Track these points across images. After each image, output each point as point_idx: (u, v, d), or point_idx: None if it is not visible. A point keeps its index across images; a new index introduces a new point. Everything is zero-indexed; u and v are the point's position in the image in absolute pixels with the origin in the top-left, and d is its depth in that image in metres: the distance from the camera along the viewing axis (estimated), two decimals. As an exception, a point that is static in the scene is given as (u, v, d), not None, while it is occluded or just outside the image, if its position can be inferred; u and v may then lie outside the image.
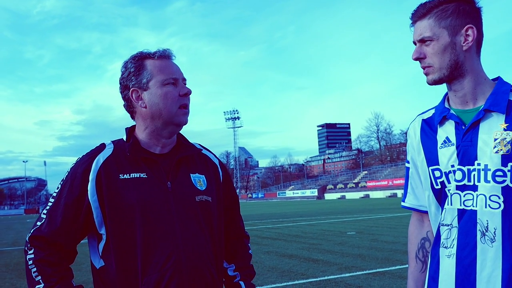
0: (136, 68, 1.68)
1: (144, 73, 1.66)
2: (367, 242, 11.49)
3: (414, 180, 1.78)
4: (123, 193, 1.59)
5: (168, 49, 1.72)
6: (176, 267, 1.57)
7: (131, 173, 1.63)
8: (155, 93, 1.65)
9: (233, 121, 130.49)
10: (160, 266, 1.56)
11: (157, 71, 1.66)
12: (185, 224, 1.63)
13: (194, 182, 1.71)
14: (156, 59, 1.68)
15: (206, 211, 1.70)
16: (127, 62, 1.71)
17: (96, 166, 1.62)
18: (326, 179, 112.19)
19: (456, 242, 1.54)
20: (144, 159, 1.66)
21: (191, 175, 1.72)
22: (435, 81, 1.59)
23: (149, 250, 1.57)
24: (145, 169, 1.65)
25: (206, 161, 1.82)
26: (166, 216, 1.61)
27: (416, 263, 1.79)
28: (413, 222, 1.84)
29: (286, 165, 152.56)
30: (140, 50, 1.72)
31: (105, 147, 1.69)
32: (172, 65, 1.70)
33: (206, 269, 1.65)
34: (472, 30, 1.53)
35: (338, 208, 35.74)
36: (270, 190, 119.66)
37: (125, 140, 1.71)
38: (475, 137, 1.53)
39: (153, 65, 1.67)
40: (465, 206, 1.53)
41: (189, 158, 1.75)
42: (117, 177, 1.61)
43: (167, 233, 1.59)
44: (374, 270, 7.66)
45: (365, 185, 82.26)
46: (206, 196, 1.71)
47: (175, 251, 1.58)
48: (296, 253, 10.23)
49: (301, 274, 7.68)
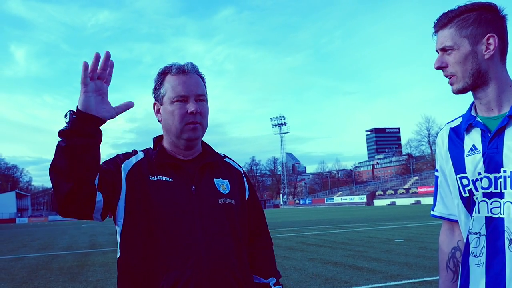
0: (158, 82, 1.77)
1: (162, 89, 1.75)
2: (415, 250, 11.20)
3: (443, 189, 1.77)
4: (151, 193, 1.67)
5: (188, 63, 1.76)
6: (196, 266, 1.61)
7: (158, 176, 1.71)
8: (166, 110, 1.74)
9: (280, 127, 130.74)
10: (180, 265, 1.61)
11: (170, 88, 1.73)
12: (207, 226, 1.68)
13: (217, 186, 1.77)
14: (173, 74, 1.74)
15: (229, 214, 1.75)
16: (156, 75, 1.80)
17: (129, 165, 1.73)
18: (375, 184, 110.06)
19: (485, 251, 1.52)
20: (170, 165, 1.74)
21: (214, 180, 1.79)
22: (459, 90, 1.59)
23: (170, 249, 1.62)
24: (171, 173, 1.73)
25: (230, 168, 1.89)
26: (189, 217, 1.66)
27: (447, 272, 1.78)
28: (443, 231, 1.82)
29: (334, 171, 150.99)
30: (169, 63, 1.78)
31: (137, 152, 1.80)
32: (186, 81, 1.73)
33: (228, 270, 1.68)
34: (494, 38, 1.52)
35: (387, 214, 34.98)
36: (318, 196, 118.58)
37: (152, 149, 1.82)
38: (501, 144, 1.51)
39: (168, 81, 1.74)
40: (492, 214, 1.51)
41: (213, 164, 1.82)
42: (146, 178, 1.70)
43: (189, 234, 1.64)
44: (420, 279, 7.46)
45: (416, 191, 79.98)
46: (229, 199, 1.77)
47: (195, 251, 1.63)
48: (341, 260, 10.11)
49: (345, 282, 7.58)
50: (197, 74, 1.77)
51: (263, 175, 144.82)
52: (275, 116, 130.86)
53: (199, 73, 1.79)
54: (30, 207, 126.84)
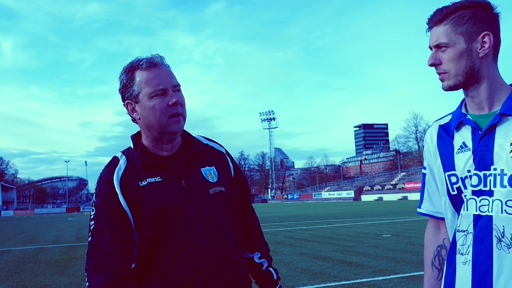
0: (127, 80, 1.71)
1: (134, 86, 1.69)
2: (403, 245, 11.31)
3: (430, 186, 1.77)
4: (144, 198, 1.67)
5: (156, 55, 1.72)
6: (199, 260, 1.65)
7: (147, 179, 1.70)
8: (145, 106, 1.68)
9: (269, 122, 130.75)
10: (184, 261, 1.64)
11: (144, 84, 1.67)
12: (204, 218, 1.70)
13: (205, 176, 1.77)
14: (144, 69, 1.68)
15: (222, 201, 1.77)
16: (121, 73, 1.74)
17: (117, 178, 1.70)
18: (363, 180, 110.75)
19: (471, 249, 1.52)
20: (156, 165, 1.72)
21: (201, 170, 1.78)
22: (450, 87, 1.58)
23: (173, 247, 1.66)
24: (159, 173, 1.71)
25: (213, 153, 1.87)
26: (185, 214, 1.68)
27: (432, 270, 1.77)
28: (429, 229, 1.82)
29: (322, 166, 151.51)
30: (133, 59, 1.73)
31: (119, 160, 1.75)
32: (160, 74, 1.69)
33: (231, 258, 1.73)
34: (489, 37, 1.51)
35: (374, 210, 35.23)
36: (306, 191, 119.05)
37: (133, 149, 1.78)
38: (492, 142, 1.51)
39: (140, 76, 1.68)
40: (480, 211, 1.51)
41: (197, 154, 1.81)
42: (137, 185, 1.69)
43: (187, 229, 1.67)
44: (408, 274, 7.53)
45: (403, 186, 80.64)
46: (219, 187, 1.78)
47: (197, 246, 1.66)
48: (330, 255, 10.18)
49: (334, 276, 7.63)
50: (166, 65, 1.74)
51: (252, 169, 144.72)
52: (264, 111, 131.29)
53: (166, 63, 1.75)
54: (16, 200, 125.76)
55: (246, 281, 1.80)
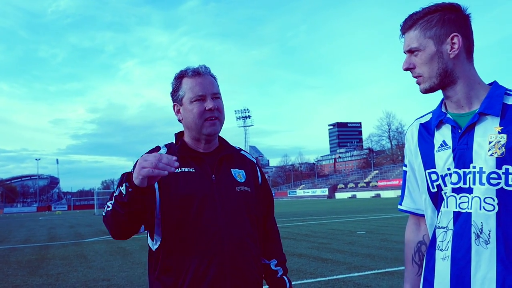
0: (176, 85, 1.97)
1: (180, 91, 1.94)
2: (377, 242, 11.49)
3: (411, 184, 1.81)
4: (176, 184, 1.84)
5: (202, 66, 1.96)
6: (219, 245, 1.80)
7: (182, 168, 1.88)
8: (186, 109, 1.92)
9: (244, 120, 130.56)
10: (205, 245, 1.80)
11: (188, 89, 1.91)
12: (227, 210, 1.87)
13: (234, 175, 1.97)
14: (189, 77, 1.93)
15: (246, 200, 1.94)
16: (173, 79, 1.99)
17: None
18: (337, 178, 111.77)
19: (451, 245, 1.56)
20: (192, 157, 1.93)
21: (231, 170, 1.98)
22: (426, 90, 1.63)
23: (196, 232, 1.81)
24: (193, 165, 1.91)
25: (244, 159, 2.09)
26: (211, 203, 1.85)
27: (412, 266, 1.81)
28: (409, 225, 1.86)
29: (297, 164, 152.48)
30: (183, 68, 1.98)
31: (160, 148, 1.97)
32: (202, 82, 1.91)
33: (248, 250, 1.88)
34: (458, 38, 1.56)
35: (348, 207, 35.65)
36: (281, 189, 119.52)
37: (175, 143, 2.00)
38: (471, 140, 1.55)
39: (186, 83, 1.93)
40: (460, 208, 1.55)
41: (230, 156, 2.01)
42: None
43: (211, 218, 1.83)
44: (383, 270, 7.67)
45: (376, 184, 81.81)
46: (245, 187, 1.97)
47: (217, 233, 1.82)
48: (305, 252, 10.27)
49: (310, 273, 7.71)
50: (210, 75, 1.96)
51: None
52: (240, 108, 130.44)
53: (212, 73, 1.97)
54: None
55: (259, 274, 1.94)
